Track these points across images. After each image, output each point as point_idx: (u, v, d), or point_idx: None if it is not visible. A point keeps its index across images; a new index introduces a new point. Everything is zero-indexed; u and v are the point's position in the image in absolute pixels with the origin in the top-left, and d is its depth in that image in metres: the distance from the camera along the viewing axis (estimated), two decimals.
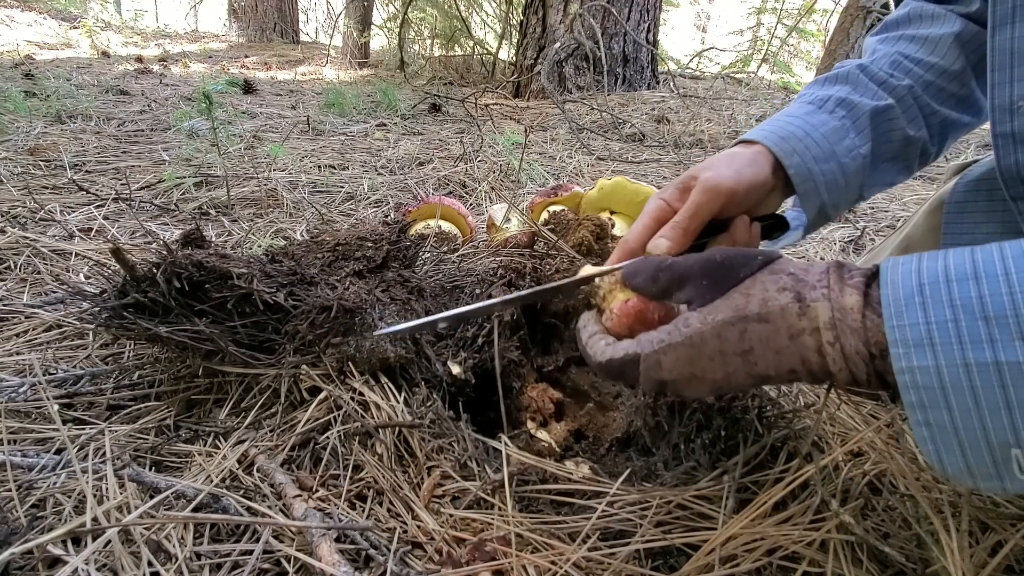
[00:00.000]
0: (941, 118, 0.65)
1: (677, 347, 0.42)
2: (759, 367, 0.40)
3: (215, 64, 4.66)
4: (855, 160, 0.61)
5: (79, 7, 6.60)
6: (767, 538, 0.50)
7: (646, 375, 0.44)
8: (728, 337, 0.41)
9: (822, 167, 0.59)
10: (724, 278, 0.43)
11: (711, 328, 0.41)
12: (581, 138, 2.43)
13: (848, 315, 0.37)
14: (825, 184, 0.59)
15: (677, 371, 0.43)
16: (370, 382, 0.66)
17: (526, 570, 0.48)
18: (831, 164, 0.59)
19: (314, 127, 2.41)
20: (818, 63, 2.12)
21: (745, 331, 0.40)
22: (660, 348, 0.43)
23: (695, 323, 0.42)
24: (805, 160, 0.58)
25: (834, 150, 0.60)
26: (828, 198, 0.60)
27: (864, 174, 0.63)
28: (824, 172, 0.59)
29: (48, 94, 2.41)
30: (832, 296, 0.38)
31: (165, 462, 0.63)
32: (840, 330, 0.38)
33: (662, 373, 0.43)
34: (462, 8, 4.56)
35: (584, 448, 0.69)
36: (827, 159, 0.59)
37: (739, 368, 0.41)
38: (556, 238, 1.03)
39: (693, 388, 0.44)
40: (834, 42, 2.03)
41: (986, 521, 0.54)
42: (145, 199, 1.44)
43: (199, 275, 0.67)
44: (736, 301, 0.41)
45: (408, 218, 1.17)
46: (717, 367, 0.42)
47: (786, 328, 0.39)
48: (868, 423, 0.69)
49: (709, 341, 0.41)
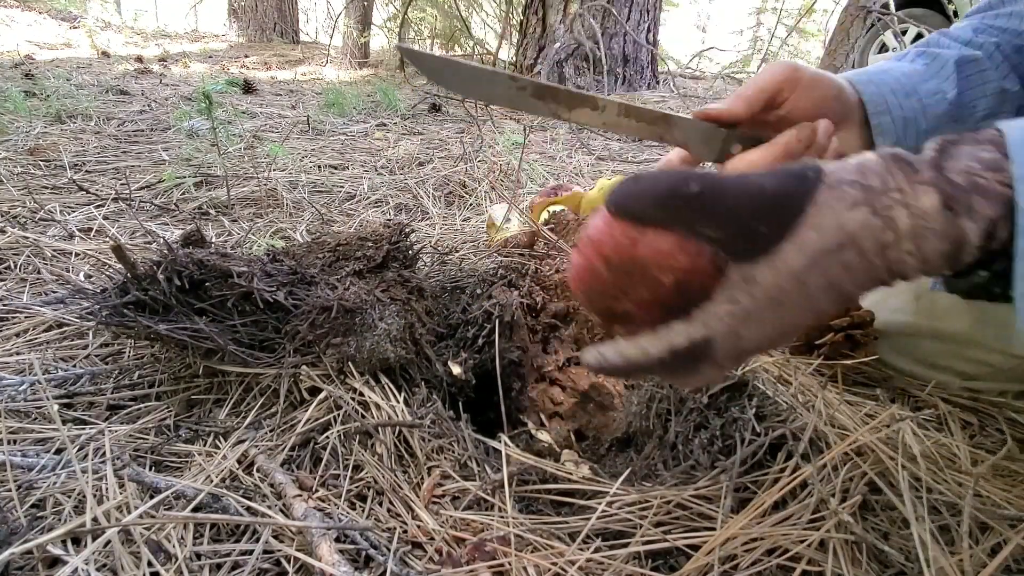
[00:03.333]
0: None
1: (758, 312, 0.37)
2: (846, 291, 0.36)
3: (215, 64, 4.66)
4: (939, 104, 0.55)
5: (79, 7, 6.60)
6: (766, 538, 0.50)
7: (727, 354, 0.38)
8: (811, 280, 0.36)
9: (901, 101, 0.54)
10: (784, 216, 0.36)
11: (789, 277, 0.36)
12: (581, 138, 2.43)
13: (929, 218, 0.34)
14: (903, 120, 0.54)
15: (765, 335, 0.38)
16: (370, 382, 0.66)
17: (526, 570, 0.48)
18: (911, 101, 0.54)
19: (314, 127, 2.41)
20: (818, 63, 2.12)
21: (829, 266, 0.35)
22: (735, 321, 0.37)
23: (766, 278, 0.36)
24: (882, 90, 0.53)
25: (916, 88, 0.54)
26: (905, 139, 0.54)
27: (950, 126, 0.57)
28: (904, 107, 0.54)
29: (48, 94, 2.41)
30: (908, 200, 0.34)
31: (165, 462, 0.63)
32: (921, 236, 0.34)
33: (745, 344, 0.38)
34: (462, 8, 4.56)
35: (584, 448, 0.69)
36: (907, 95, 0.54)
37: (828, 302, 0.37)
38: (556, 238, 1.03)
39: (779, 342, 0.39)
40: (834, 42, 2.03)
41: (986, 521, 0.54)
42: (145, 199, 1.44)
43: (200, 273, 0.67)
44: (808, 239, 0.35)
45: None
46: (805, 311, 0.37)
47: (872, 247, 0.35)
48: (867, 423, 0.69)
49: (791, 291, 0.36)
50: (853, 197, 0.35)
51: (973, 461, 0.65)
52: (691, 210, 0.36)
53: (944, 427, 0.71)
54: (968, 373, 0.77)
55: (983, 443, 0.69)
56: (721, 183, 0.36)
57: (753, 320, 0.37)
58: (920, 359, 0.80)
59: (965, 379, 0.77)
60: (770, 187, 0.36)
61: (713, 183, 0.36)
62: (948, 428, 0.71)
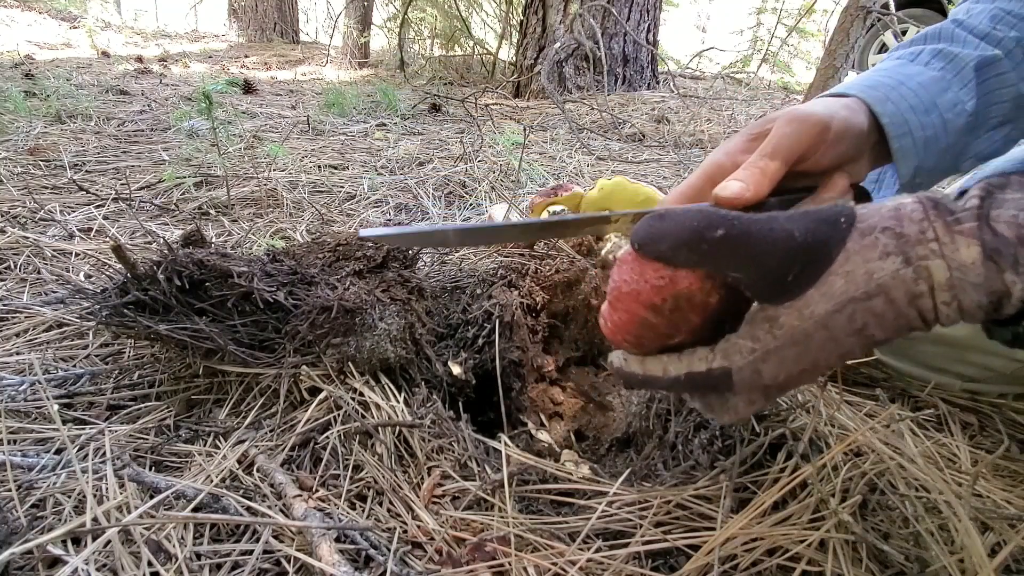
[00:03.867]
0: None
1: (777, 351, 0.37)
2: (876, 336, 0.35)
3: (215, 64, 4.66)
4: (959, 117, 0.50)
5: (79, 7, 6.59)
6: (766, 538, 0.50)
7: (744, 387, 0.38)
8: (836, 324, 0.35)
9: (921, 119, 0.48)
10: (812, 264, 0.35)
11: (813, 323, 0.35)
12: (581, 138, 2.43)
13: (969, 272, 0.33)
14: (924, 140, 0.49)
15: (784, 373, 0.37)
16: (370, 382, 0.66)
17: (526, 570, 0.48)
18: (932, 117, 0.49)
19: (314, 127, 2.41)
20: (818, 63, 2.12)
21: (855, 312, 0.35)
22: (755, 358, 0.37)
23: (790, 320, 0.36)
24: (900, 109, 0.48)
25: (935, 102, 0.49)
26: (926, 160, 0.50)
27: (966, 137, 0.53)
28: (924, 125, 0.49)
29: (48, 94, 2.41)
30: (946, 252, 0.33)
31: (165, 462, 0.63)
32: (960, 288, 0.33)
33: (764, 380, 0.38)
34: (462, 8, 4.56)
35: (584, 448, 0.69)
36: (927, 111, 0.49)
37: (856, 346, 0.36)
38: (556, 238, 1.03)
39: (805, 380, 0.38)
40: (834, 42, 2.03)
41: (986, 521, 0.54)
42: (145, 199, 1.44)
43: (200, 273, 0.67)
44: (836, 287, 0.35)
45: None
46: (830, 353, 0.36)
47: (902, 296, 0.34)
48: (867, 423, 0.69)
49: (815, 334, 0.36)
50: (885, 245, 0.34)
51: (973, 461, 0.65)
52: (717, 255, 0.36)
53: (944, 427, 0.71)
54: (969, 376, 0.77)
55: (983, 443, 0.69)
56: (747, 227, 0.36)
57: (773, 358, 0.37)
58: (921, 362, 0.80)
59: (965, 380, 0.77)
60: (800, 234, 0.35)
61: (740, 227, 0.36)
62: (948, 428, 0.71)
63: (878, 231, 0.35)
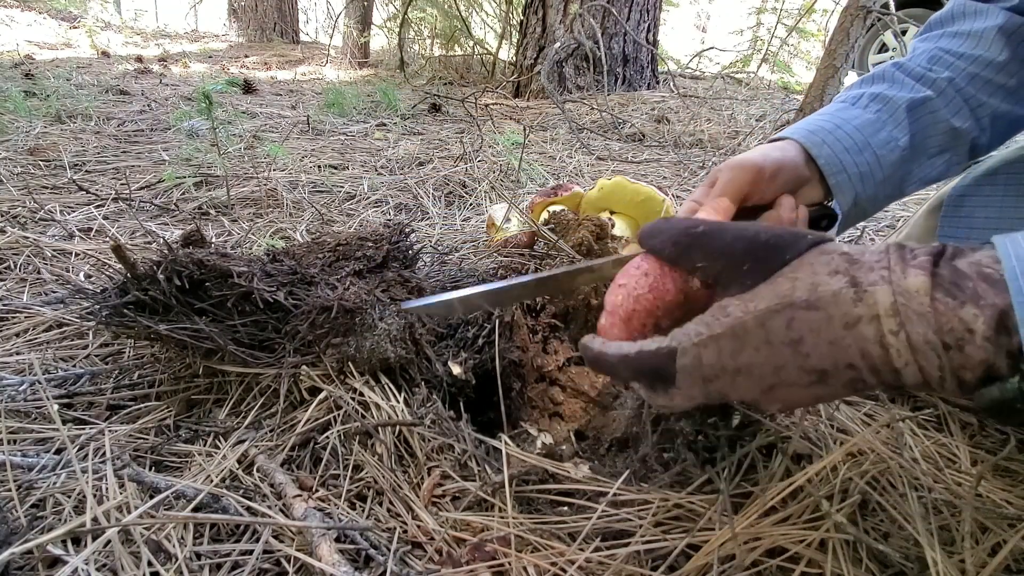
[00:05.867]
0: (991, 110, 0.63)
1: (718, 339, 0.38)
2: (812, 360, 0.36)
3: (215, 64, 4.66)
4: (893, 152, 0.59)
5: (79, 7, 6.60)
6: (766, 538, 0.50)
7: (685, 371, 0.40)
8: (774, 326, 0.37)
9: (855, 158, 0.57)
10: (768, 260, 0.38)
11: (754, 316, 0.37)
12: (581, 138, 2.43)
13: (913, 299, 0.33)
14: (859, 176, 0.58)
15: (720, 365, 0.39)
16: (370, 382, 0.66)
17: (526, 570, 0.48)
18: (865, 155, 0.58)
19: (314, 127, 2.41)
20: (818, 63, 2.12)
21: (793, 319, 0.36)
22: (699, 341, 0.39)
23: (735, 311, 0.38)
24: (836, 151, 0.57)
25: (868, 142, 0.58)
26: (863, 191, 0.58)
27: (905, 167, 0.61)
28: (858, 164, 0.57)
29: (48, 94, 2.41)
30: (893, 278, 0.34)
31: (165, 462, 0.63)
32: (905, 316, 0.33)
33: (703, 369, 0.39)
34: (462, 8, 4.56)
35: (584, 448, 0.69)
36: (860, 151, 0.57)
37: (789, 361, 0.37)
38: (556, 238, 1.03)
39: (740, 386, 0.39)
40: (834, 42, 2.03)
41: (985, 521, 0.54)
42: (145, 199, 1.44)
43: (199, 273, 0.67)
44: (781, 287, 0.37)
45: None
46: (764, 360, 0.37)
47: (840, 316, 0.35)
48: (867, 423, 0.69)
49: (752, 331, 0.37)
50: (836, 265, 0.36)
51: (973, 461, 0.65)
52: (695, 246, 0.41)
53: (944, 427, 0.71)
54: None
55: (983, 443, 0.69)
56: (724, 226, 0.41)
57: (712, 345, 0.39)
58: None
59: None
60: (765, 235, 0.39)
61: (719, 225, 0.42)
62: (948, 428, 0.71)
63: (837, 253, 0.37)
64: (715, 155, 2.23)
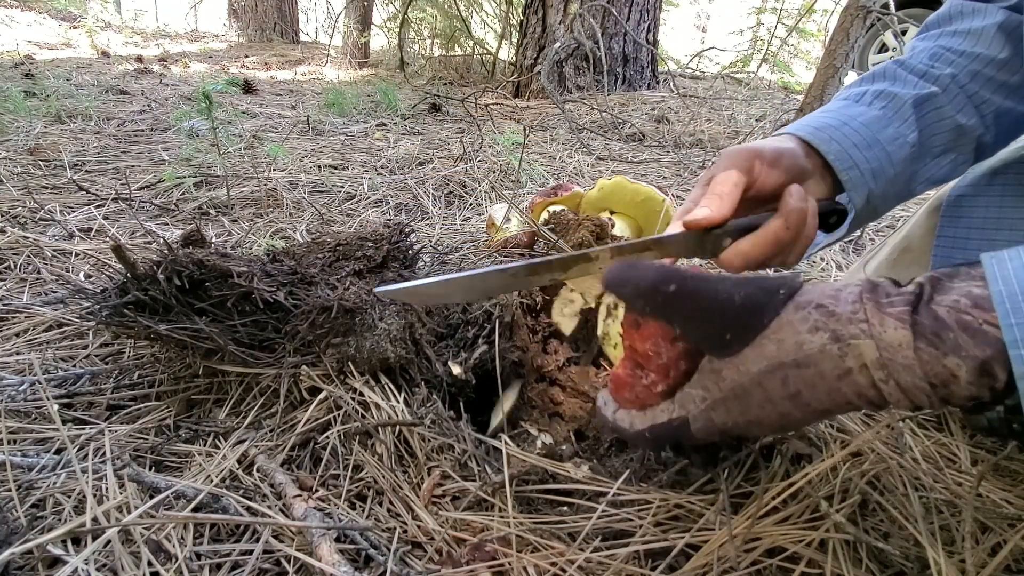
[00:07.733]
0: (995, 107, 0.62)
1: (723, 402, 0.41)
2: (814, 405, 0.38)
3: (215, 64, 4.66)
4: (902, 148, 0.57)
5: (79, 7, 6.59)
6: (766, 538, 0.50)
7: (700, 433, 0.43)
8: (770, 385, 0.38)
9: (865, 154, 0.55)
10: (747, 327, 0.39)
11: (750, 379, 0.39)
12: (581, 138, 2.43)
13: (898, 352, 0.34)
14: (871, 172, 0.55)
15: (732, 422, 0.41)
16: (370, 382, 0.66)
17: (526, 570, 0.48)
18: (875, 151, 0.55)
19: (314, 127, 2.41)
20: (818, 63, 2.12)
21: (787, 377, 0.38)
22: (706, 407, 0.41)
23: (730, 375, 0.40)
24: (845, 147, 0.55)
25: (877, 138, 0.56)
26: (876, 187, 0.56)
27: (913, 165, 0.59)
28: (868, 159, 0.55)
29: (48, 94, 2.41)
30: (874, 332, 0.35)
31: (165, 462, 0.63)
32: (892, 369, 0.34)
33: (717, 426, 0.42)
34: (462, 8, 4.56)
35: (584, 448, 0.69)
36: (869, 146, 0.55)
37: (792, 409, 0.39)
38: (556, 238, 1.03)
39: (755, 431, 0.42)
40: (834, 42, 2.03)
41: (986, 521, 0.54)
42: (145, 199, 1.44)
43: (199, 273, 0.67)
44: (767, 350, 0.38)
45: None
46: (770, 412, 0.39)
47: (831, 370, 0.36)
48: (867, 423, 0.69)
49: (752, 391, 0.39)
50: (815, 321, 0.37)
51: (973, 461, 0.65)
52: (667, 307, 0.41)
53: (944, 427, 0.71)
54: None
55: (983, 443, 0.69)
56: (696, 286, 0.40)
57: (720, 408, 0.41)
58: None
59: None
60: (739, 298, 0.39)
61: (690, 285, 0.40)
62: (948, 428, 0.71)
63: (812, 307, 0.38)
64: (715, 155, 2.23)
